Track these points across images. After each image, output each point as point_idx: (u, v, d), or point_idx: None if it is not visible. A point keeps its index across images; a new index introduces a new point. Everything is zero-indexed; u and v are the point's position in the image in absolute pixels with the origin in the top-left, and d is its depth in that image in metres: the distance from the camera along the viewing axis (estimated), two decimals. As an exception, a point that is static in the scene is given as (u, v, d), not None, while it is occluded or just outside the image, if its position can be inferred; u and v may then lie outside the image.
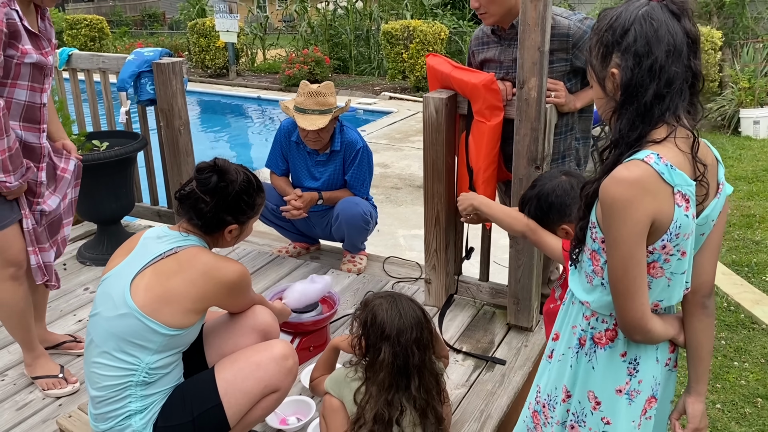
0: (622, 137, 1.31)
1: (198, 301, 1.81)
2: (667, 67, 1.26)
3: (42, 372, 2.50)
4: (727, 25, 10.63)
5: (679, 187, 1.26)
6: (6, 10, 2.11)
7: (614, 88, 1.33)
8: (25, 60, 2.21)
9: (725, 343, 3.56)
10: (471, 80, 2.51)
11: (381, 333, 1.75)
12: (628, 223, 1.26)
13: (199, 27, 13.28)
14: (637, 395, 1.46)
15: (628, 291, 1.32)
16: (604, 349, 1.47)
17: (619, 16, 1.31)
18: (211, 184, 1.87)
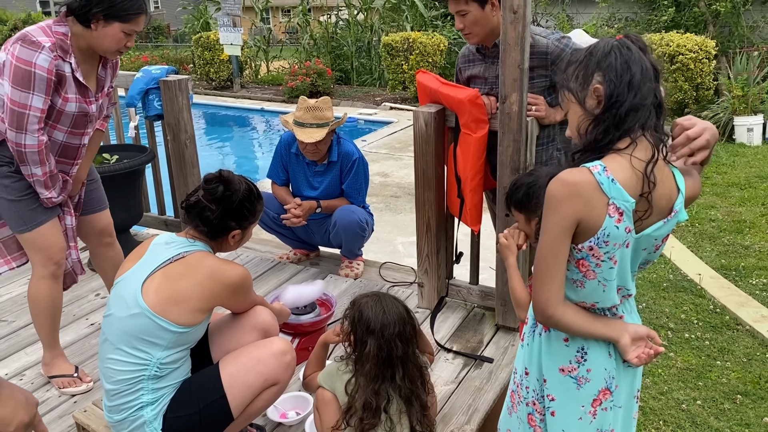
0: (595, 142, 1.47)
1: (204, 301, 1.98)
2: (641, 84, 1.45)
3: (58, 371, 2.68)
4: (723, 34, 10.79)
5: (614, 200, 1.42)
6: (57, 63, 2.32)
7: (597, 102, 1.48)
8: (66, 108, 2.43)
9: (709, 344, 3.70)
10: (457, 95, 2.69)
11: (366, 328, 1.92)
12: (555, 216, 1.44)
13: (204, 40, 13.52)
14: (585, 382, 1.60)
15: (540, 274, 1.49)
16: (549, 332, 1.63)
17: (596, 46, 1.51)
18: (218, 193, 2.05)
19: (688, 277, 4.51)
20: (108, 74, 2.62)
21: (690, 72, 8.77)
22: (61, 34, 2.36)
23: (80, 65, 2.43)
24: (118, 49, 2.45)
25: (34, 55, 2.27)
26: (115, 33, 2.39)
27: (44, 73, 2.28)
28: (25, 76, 2.26)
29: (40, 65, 2.27)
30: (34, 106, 2.30)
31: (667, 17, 10.78)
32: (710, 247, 5.07)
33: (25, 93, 2.28)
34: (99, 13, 2.33)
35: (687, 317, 3.99)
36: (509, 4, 2.42)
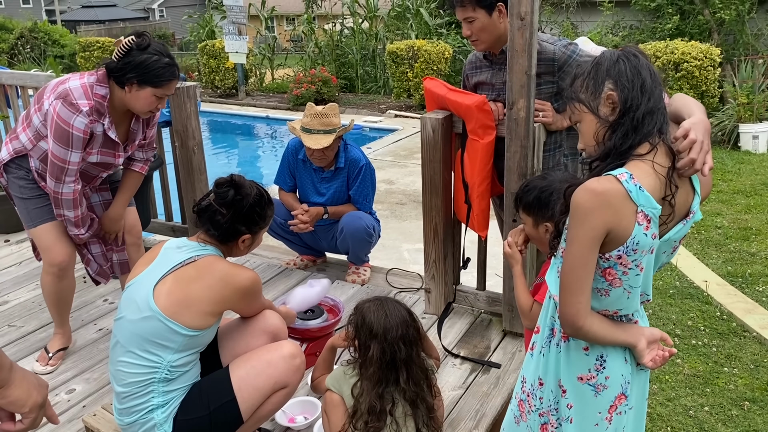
0: (615, 148, 1.48)
1: (215, 304, 1.99)
2: (653, 88, 1.47)
3: (48, 346, 2.90)
4: (727, 42, 10.81)
5: (642, 208, 1.42)
6: (93, 126, 2.56)
7: (611, 109, 1.49)
8: (87, 158, 2.66)
9: (716, 350, 3.69)
10: (465, 102, 2.71)
11: (369, 332, 1.93)
12: (585, 227, 1.43)
13: (209, 48, 13.60)
14: (603, 389, 1.60)
15: (570, 286, 1.48)
16: (567, 342, 1.62)
17: (602, 57, 1.53)
18: (229, 197, 2.07)
19: (695, 284, 4.51)
20: (140, 128, 2.81)
21: (695, 79, 8.78)
22: (100, 97, 2.56)
23: (113, 121, 2.64)
24: (149, 110, 2.63)
25: (72, 117, 2.50)
26: (147, 96, 2.55)
27: (80, 134, 2.53)
28: (64, 134, 2.51)
29: (77, 127, 2.51)
30: (72, 161, 2.55)
31: (672, 25, 10.82)
32: (716, 254, 5.06)
33: (64, 149, 2.53)
34: (133, 78, 2.50)
35: (694, 324, 3.98)
36: (516, 11, 2.44)
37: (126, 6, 39.18)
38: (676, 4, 11.17)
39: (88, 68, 14.90)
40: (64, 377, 2.77)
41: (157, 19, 37.22)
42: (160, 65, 2.51)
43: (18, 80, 4.54)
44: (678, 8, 11.14)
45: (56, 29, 20.49)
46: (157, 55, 2.51)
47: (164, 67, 2.52)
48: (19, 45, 18.98)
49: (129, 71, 2.49)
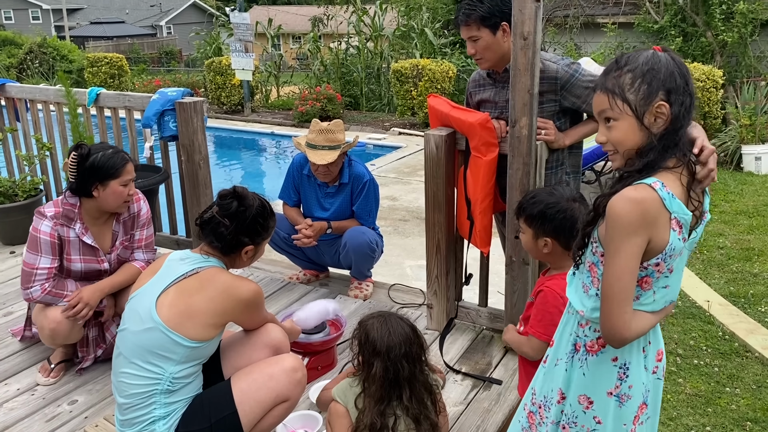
0: (654, 162, 1.46)
1: (217, 316, 2.01)
2: (693, 108, 1.48)
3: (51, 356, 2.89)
4: (730, 64, 10.88)
5: (676, 214, 1.44)
6: (58, 228, 2.68)
7: (663, 119, 1.46)
8: (71, 267, 2.76)
9: (719, 370, 3.69)
10: (468, 119, 2.74)
11: (373, 350, 1.93)
12: (631, 236, 1.43)
13: (216, 65, 13.71)
14: (627, 399, 1.60)
15: (616, 299, 1.46)
16: (596, 356, 1.61)
17: (658, 63, 1.47)
18: (232, 208, 2.10)
19: (697, 304, 4.51)
20: (121, 228, 2.89)
21: (697, 101, 8.79)
22: (69, 205, 2.73)
23: (90, 228, 2.78)
24: (123, 200, 2.75)
25: (40, 222, 2.68)
26: (114, 190, 2.69)
27: (47, 237, 2.66)
28: (33, 240, 2.67)
29: (44, 231, 2.66)
30: (41, 266, 2.66)
31: (675, 47, 10.88)
32: (719, 274, 5.06)
33: (34, 255, 2.66)
34: (95, 182, 2.66)
35: (696, 344, 3.98)
36: (520, 30, 2.48)
37: (134, 23, 39.60)
38: (679, 26, 11.25)
39: (96, 83, 15.04)
40: (66, 388, 2.77)
41: (164, 36, 37.60)
42: (108, 158, 2.67)
43: (27, 94, 4.60)
44: (681, 30, 11.22)
45: (65, 45, 20.72)
46: (101, 152, 2.67)
47: (112, 158, 2.67)
48: (27, 60, 19.18)
49: (87, 179, 2.65)
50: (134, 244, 2.93)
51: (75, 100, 4.18)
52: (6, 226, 4.36)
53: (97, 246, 2.79)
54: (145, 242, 2.96)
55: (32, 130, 4.67)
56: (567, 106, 2.74)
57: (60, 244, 2.71)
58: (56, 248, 2.69)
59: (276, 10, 25.76)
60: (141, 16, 42.16)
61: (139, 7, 44.39)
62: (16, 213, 4.32)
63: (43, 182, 4.63)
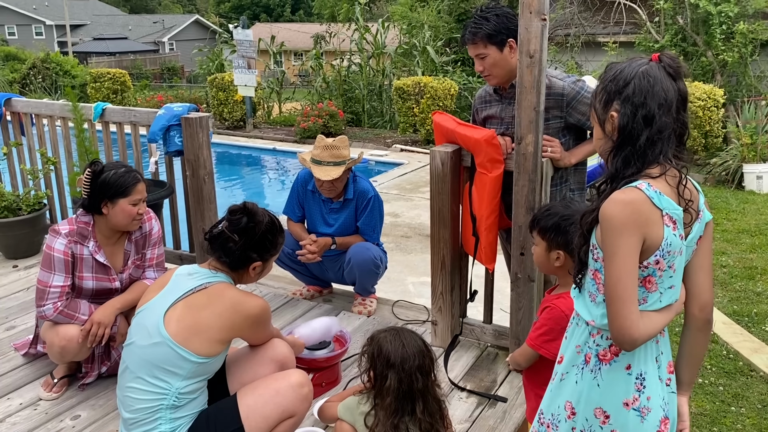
0: (618, 172, 1.52)
1: (225, 331, 2.00)
2: (658, 118, 1.49)
3: (54, 371, 2.88)
4: (730, 83, 10.95)
5: (667, 210, 1.47)
6: (72, 246, 2.70)
7: (612, 129, 1.54)
8: (83, 285, 2.77)
9: (723, 389, 3.67)
10: (473, 135, 2.75)
11: (387, 362, 1.93)
12: (624, 236, 1.45)
13: (218, 81, 13.79)
14: (648, 413, 1.57)
15: (620, 299, 1.46)
16: (609, 365, 1.59)
17: (623, 70, 1.53)
18: (242, 224, 2.10)
19: (701, 322, 4.49)
20: (133, 248, 2.90)
21: (699, 120, 8.87)
22: (83, 223, 2.76)
23: (103, 247, 2.80)
24: (132, 219, 2.76)
25: (54, 240, 2.69)
26: (123, 208, 2.71)
27: (60, 255, 2.67)
28: (47, 258, 2.68)
29: (57, 249, 2.68)
30: (54, 284, 2.66)
31: (675, 66, 10.95)
32: (722, 293, 5.05)
33: (47, 273, 2.67)
34: (104, 199, 2.69)
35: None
36: (526, 48, 2.50)
37: (137, 39, 39.92)
38: (680, 46, 11.34)
39: (98, 99, 15.12)
40: (69, 403, 2.76)
41: (167, 52, 37.85)
42: (119, 176, 2.69)
43: (33, 108, 4.62)
44: (681, 50, 11.30)
45: (68, 60, 20.85)
46: (113, 170, 2.70)
47: (123, 176, 2.70)
48: (31, 75, 19.28)
49: (99, 196, 2.68)
50: (146, 263, 2.94)
51: (81, 114, 4.20)
52: (10, 240, 4.36)
53: (109, 264, 2.80)
54: (156, 261, 2.97)
55: (37, 144, 4.69)
56: (572, 122, 2.76)
57: (73, 262, 2.72)
58: (69, 266, 2.70)
59: (279, 27, 25.99)
60: (144, 32, 42.50)
61: (141, 23, 44.78)
62: (20, 227, 4.32)
63: (47, 196, 4.64)
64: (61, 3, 34.72)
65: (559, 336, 1.80)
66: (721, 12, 10.37)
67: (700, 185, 6.07)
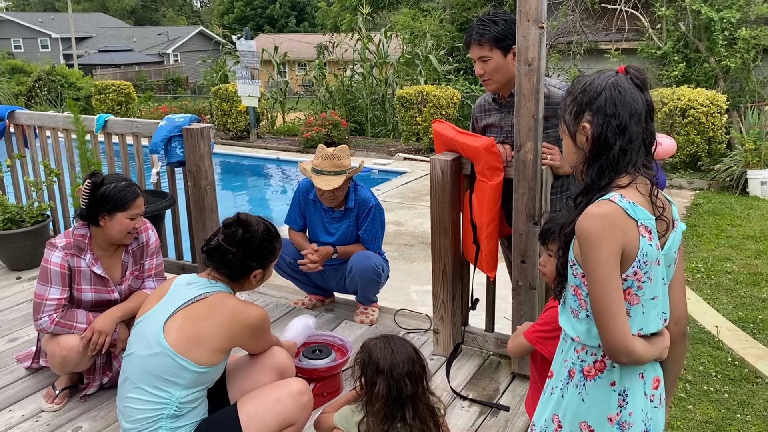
0: (593, 183, 1.54)
1: (225, 341, 2.00)
2: (630, 127, 1.51)
3: (55, 382, 2.88)
4: (733, 89, 10.93)
5: (641, 221, 1.47)
6: (68, 258, 2.71)
7: (585, 140, 1.55)
8: (81, 297, 2.78)
9: (728, 396, 3.64)
10: (473, 144, 2.75)
11: (376, 368, 1.94)
12: (603, 249, 1.45)
13: (222, 92, 13.85)
14: (628, 427, 1.57)
15: (609, 312, 1.47)
16: (593, 381, 1.59)
17: (592, 82, 1.56)
18: (238, 236, 2.11)
19: (705, 329, 4.47)
20: (130, 259, 2.91)
21: (702, 126, 8.86)
22: (80, 235, 2.77)
23: (100, 259, 2.80)
24: (128, 233, 2.77)
25: (51, 253, 2.71)
26: (120, 222, 2.72)
27: (57, 268, 2.68)
28: (44, 271, 2.69)
29: (54, 262, 2.69)
30: (50, 297, 2.67)
31: (678, 72, 10.95)
32: (727, 299, 5.03)
33: (44, 286, 2.68)
34: (102, 211, 2.69)
35: (705, 369, 3.94)
36: (524, 56, 2.51)
37: (141, 51, 40.13)
38: (682, 52, 11.34)
39: (103, 110, 15.20)
40: (71, 415, 2.76)
41: (171, 64, 38.05)
42: (119, 190, 2.69)
43: (36, 121, 4.65)
44: (684, 56, 11.30)
45: (73, 72, 20.99)
46: (114, 183, 2.70)
47: (123, 190, 2.70)
48: (36, 87, 19.42)
49: (97, 208, 2.68)
50: (144, 273, 2.94)
51: (83, 126, 4.22)
52: (13, 252, 4.37)
53: (107, 276, 2.81)
54: (156, 270, 2.97)
55: (40, 156, 4.71)
56: None
57: (70, 275, 2.72)
58: (66, 279, 2.71)
59: (282, 38, 26.12)
60: (148, 44, 42.75)
61: (146, 35, 45.04)
62: (23, 239, 4.34)
63: (50, 208, 4.65)
64: (67, 16, 34.98)
65: (559, 335, 1.79)
66: (723, 18, 10.37)
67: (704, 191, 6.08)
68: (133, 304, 2.80)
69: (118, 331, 2.79)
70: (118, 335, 2.79)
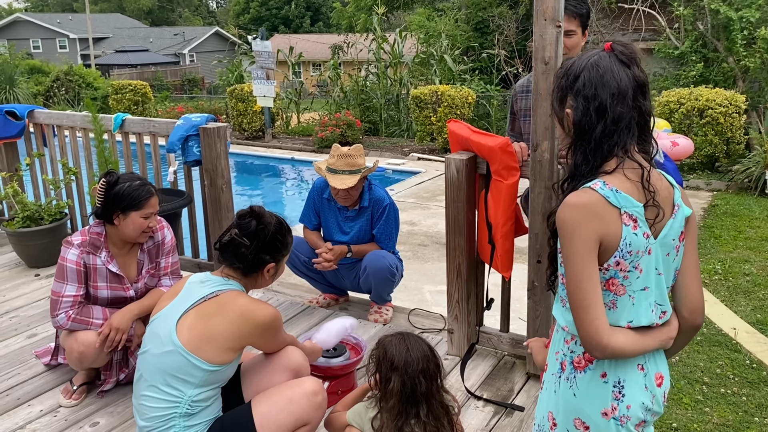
0: (577, 169, 1.49)
1: (235, 339, 2.01)
2: (611, 108, 1.45)
3: (73, 378, 2.92)
4: (752, 89, 10.81)
5: (625, 209, 1.42)
6: (84, 256, 2.74)
7: (569, 126, 1.51)
8: (98, 294, 2.80)
9: (746, 399, 3.60)
10: (488, 143, 2.74)
11: (391, 365, 1.94)
12: (576, 240, 1.41)
13: (238, 92, 13.92)
14: (627, 421, 1.51)
15: (582, 304, 1.42)
16: (584, 372, 1.53)
17: (573, 64, 1.51)
18: (252, 228, 2.11)
19: (723, 332, 4.42)
20: (146, 257, 2.93)
21: (720, 126, 8.76)
22: (96, 233, 2.80)
23: (116, 257, 2.83)
24: (142, 232, 2.78)
25: (67, 251, 2.73)
26: (134, 221, 2.73)
27: (73, 265, 2.71)
28: (60, 269, 2.72)
29: (70, 259, 2.72)
30: (67, 293, 2.70)
31: (696, 72, 10.85)
32: (745, 301, 4.97)
33: (60, 284, 2.71)
34: (117, 210, 2.71)
35: (722, 372, 3.89)
36: (541, 55, 2.50)
37: (157, 51, 40.46)
38: (700, 52, 11.23)
39: (120, 110, 15.33)
40: (89, 410, 2.78)
41: (187, 64, 38.31)
42: (133, 189, 2.71)
43: (54, 120, 4.70)
44: (702, 56, 11.19)
45: (90, 72, 21.20)
46: (128, 182, 2.72)
47: (137, 189, 2.72)
48: (54, 87, 19.64)
49: (111, 206, 2.70)
50: (160, 271, 2.96)
51: (101, 125, 4.26)
52: (32, 249, 4.42)
53: (122, 274, 2.83)
54: (171, 269, 2.99)
55: (59, 155, 4.76)
56: None
57: (86, 272, 2.75)
58: (81, 276, 2.74)
59: (297, 38, 26.22)
60: (164, 44, 43.08)
61: (163, 35, 45.38)
62: (42, 236, 4.39)
63: (68, 206, 4.70)
64: (85, 17, 35.34)
65: None
66: (743, 17, 10.26)
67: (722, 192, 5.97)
68: (149, 302, 2.82)
69: (134, 328, 2.81)
70: (135, 332, 2.82)
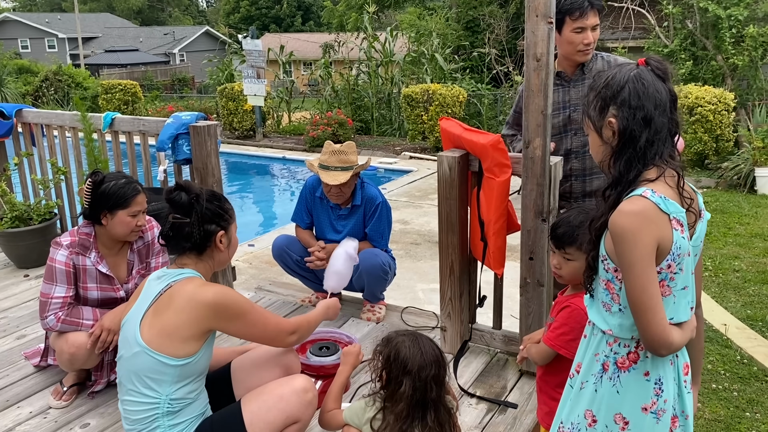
0: (621, 177, 1.54)
1: (191, 327, 1.93)
2: (655, 118, 1.52)
3: (63, 379, 2.90)
4: (741, 87, 10.87)
5: (673, 214, 1.48)
6: (73, 257, 2.72)
7: (611, 135, 1.56)
8: (88, 295, 2.78)
9: (738, 395, 3.61)
10: (480, 141, 2.74)
11: (403, 368, 1.89)
12: (639, 246, 1.46)
13: (228, 91, 13.87)
14: (663, 414, 1.59)
15: (649, 307, 1.48)
16: (627, 372, 1.60)
17: (614, 76, 1.58)
18: (183, 199, 2.03)
19: (714, 328, 4.44)
20: (136, 257, 2.92)
21: (709, 123, 8.81)
22: (85, 234, 2.78)
23: (106, 258, 2.81)
24: (131, 230, 2.76)
25: (56, 252, 2.71)
26: (122, 219, 2.71)
27: (62, 267, 2.69)
28: (49, 270, 2.70)
29: (59, 260, 2.70)
30: (56, 295, 2.68)
31: (685, 70, 10.90)
32: (735, 297, 5.00)
33: (49, 285, 2.69)
34: (104, 209, 2.69)
35: (714, 368, 3.91)
36: (533, 52, 2.49)
37: (147, 50, 40.26)
38: (689, 50, 11.28)
39: (110, 110, 15.24)
40: (79, 411, 2.76)
41: (177, 63, 38.13)
42: (119, 187, 2.68)
43: (44, 119, 4.66)
44: (691, 54, 11.24)
45: (80, 72, 21.07)
46: (114, 181, 2.70)
47: (123, 188, 2.69)
48: (43, 87, 19.49)
49: (98, 206, 2.69)
50: (151, 271, 2.94)
51: (90, 124, 4.23)
52: (21, 250, 4.39)
53: (112, 275, 2.81)
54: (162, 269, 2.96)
55: (48, 154, 4.72)
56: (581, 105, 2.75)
57: (75, 273, 2.73)
58: (71, 277, 2.72)
59: (288, 37, 26.13)
60: (154, 44, 42.87)
61: (152, 35, 45.17)
62: (31, 237, 4.35)
63: (57, 206, 4.66)
64: (74, 16, 35.12)
65: (579, 335, 1.78)
66: (731, 15, 10.31)
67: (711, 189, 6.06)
68: None
69: None
70: None
